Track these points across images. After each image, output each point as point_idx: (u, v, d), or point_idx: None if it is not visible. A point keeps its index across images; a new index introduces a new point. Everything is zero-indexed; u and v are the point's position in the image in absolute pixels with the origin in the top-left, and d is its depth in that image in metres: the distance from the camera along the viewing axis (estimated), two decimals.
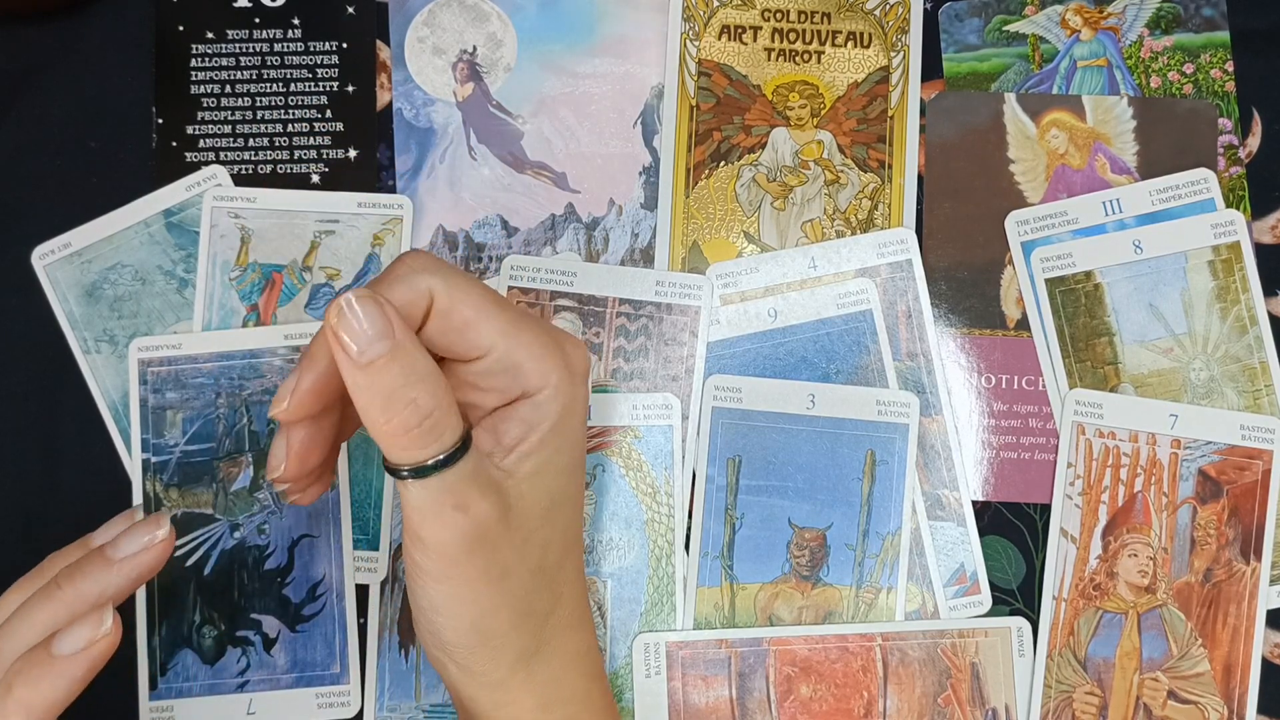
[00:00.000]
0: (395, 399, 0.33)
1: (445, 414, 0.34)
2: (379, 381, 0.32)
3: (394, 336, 0.32)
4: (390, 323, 0.32)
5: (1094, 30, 0.53)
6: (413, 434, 0.33)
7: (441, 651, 0.38)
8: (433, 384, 0.33)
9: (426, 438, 0.33)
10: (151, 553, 0.39)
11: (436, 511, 0.34)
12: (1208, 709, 0.48)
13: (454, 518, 0.34)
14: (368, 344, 0.32)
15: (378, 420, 0.33)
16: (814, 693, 0.48)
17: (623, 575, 0.49)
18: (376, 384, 0.32)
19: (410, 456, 0.33)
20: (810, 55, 0.52)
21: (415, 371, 0.33)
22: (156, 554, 0.39)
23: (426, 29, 0.52)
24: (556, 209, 0.51)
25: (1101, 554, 0.49)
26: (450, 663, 0.38)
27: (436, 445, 0.34)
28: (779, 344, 0.50)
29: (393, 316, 0.33)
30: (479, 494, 0.35)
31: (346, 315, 0.32)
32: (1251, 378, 0.50)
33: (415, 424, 0.33)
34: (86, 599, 0.38)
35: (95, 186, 0.51)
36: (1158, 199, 0.51)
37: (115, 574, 0.39)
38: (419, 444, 0.33)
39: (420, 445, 0.33)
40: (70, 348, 0.49)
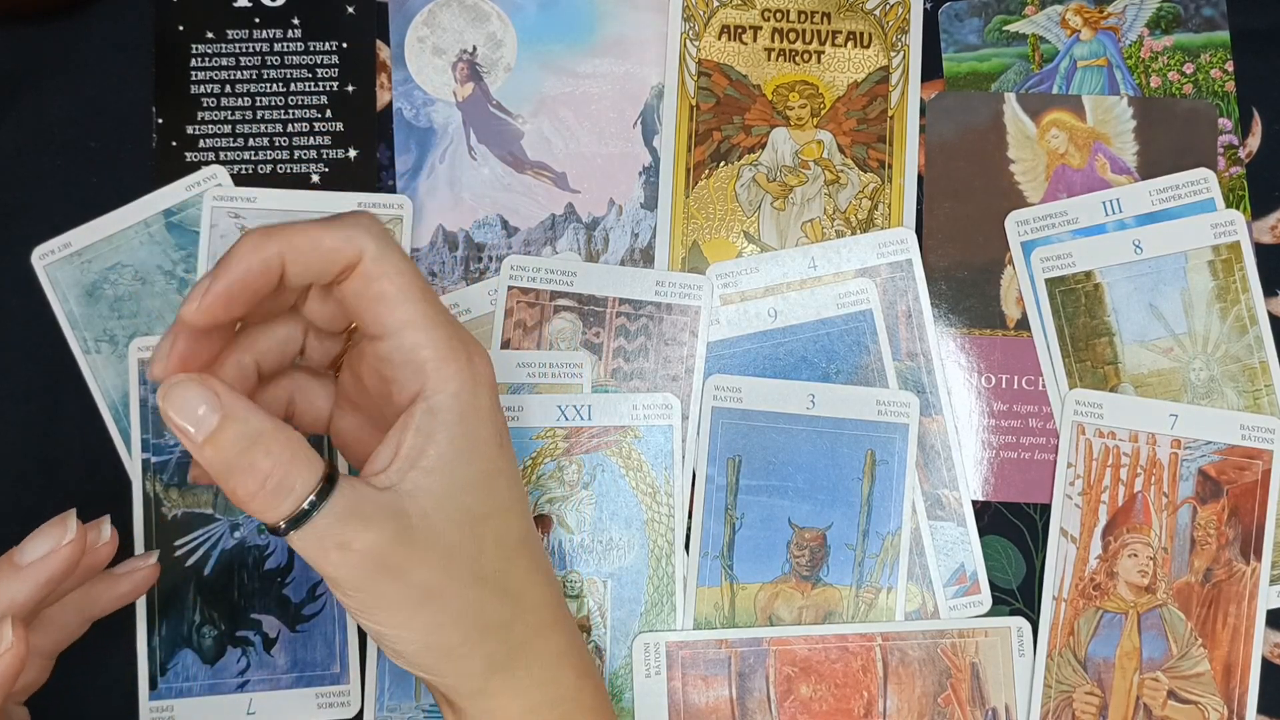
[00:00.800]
0: (234, 468, 0.33)
1: (291, 466, 0.34)
2: (218, 455, 0.33)
3: (220, 408, 0.33)
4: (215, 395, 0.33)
5: (1094, 30, 0.53)
6: (260, 496, 0.33)
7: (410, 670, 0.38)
8: (268, 442, 0.34)
9: (276, 495, 0.34)
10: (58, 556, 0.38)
11: (322, 554, 0.34)
12: (1208, 709, 0.48)
13: (341, 556, 0.34)
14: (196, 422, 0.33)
15: (227, 490, 0.34)
16: (814, 693, 0.48)
17: (623, 575, 0.49)
18: (217, 458, 0.33)
19: (270, 515, 0.34)
20: (810, 55, 0.52)
21: (246, 437, 0.33)
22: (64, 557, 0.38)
23: (426, 29, 0.52)
24: (556, 209, 0.51)
25: (1101, 554, 0.49)
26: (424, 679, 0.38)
27: (291, 499, 0.34)
28: (779, 344, 0.50)
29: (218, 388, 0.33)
30: (360, 527, 0.34)
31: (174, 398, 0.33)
32: (1251, 378, 0.50)
33: (258, 486, 0.33)
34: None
35: (95, 186, 0.51)
36: (1158, 199, 0.51)
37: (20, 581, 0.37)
38: (271, 504, 0.34)
39: (274, 504, 0.34)
40: (70, 348, 0.49)
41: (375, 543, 0.35)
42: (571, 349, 0.50)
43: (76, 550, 0.38)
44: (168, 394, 0.33)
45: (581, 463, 0.49)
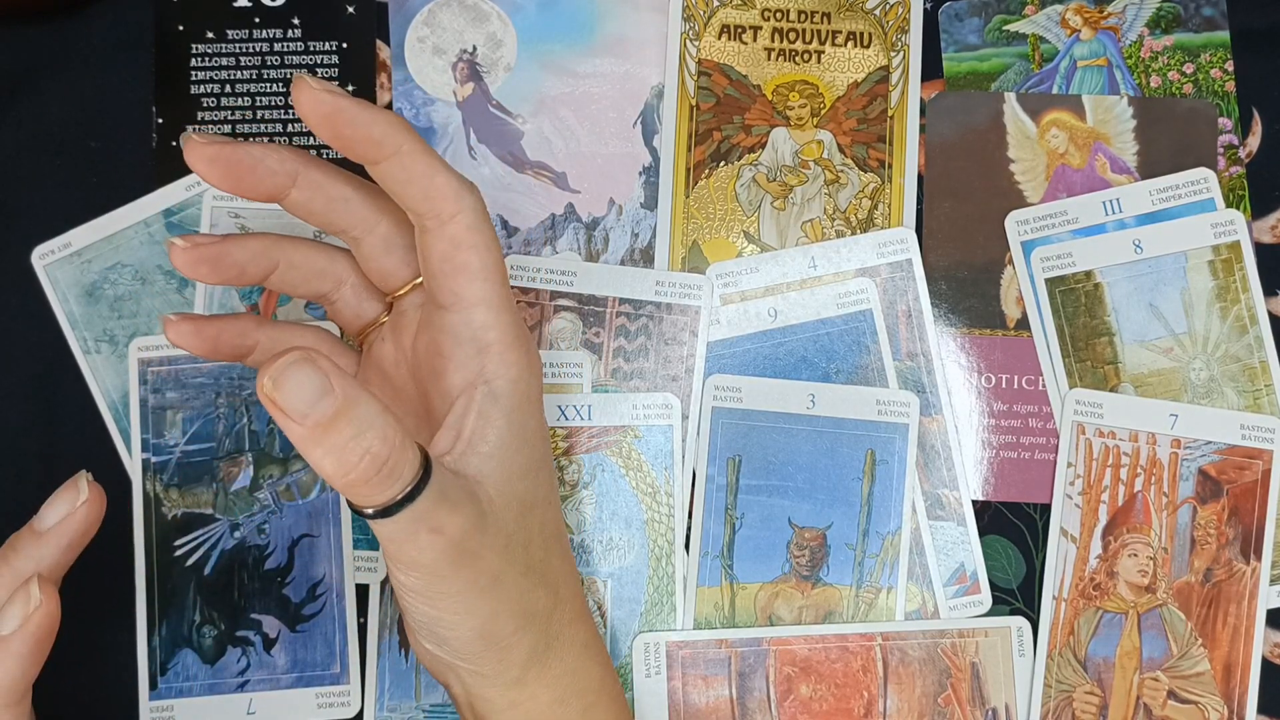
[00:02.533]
0: (348, 453, 0.31)
1: (401, 452, 0.33)
2: (328, 441, 0.31)
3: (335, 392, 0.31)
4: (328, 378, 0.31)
5: (1094, 30, 0.53)
6: (372, 482, 0.32)
7: (451, 659, 0.37)
8: (382, 427, 0.32)
9: (387, 481, 0.33)
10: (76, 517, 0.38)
11: (412, 539, 0.34)
12: (1208, 709, 0.48)
13: (430, 540, 0.34)
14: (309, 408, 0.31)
15: (334, 475, 0.32)
16: (814, 692, 0.48)
17: (623, 575, 0.49)
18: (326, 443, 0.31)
19: (375, 501, 0.33)
20: (810, 55, 0.52)
21: (363, 421, 0.31)
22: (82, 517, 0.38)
23: (426, 29, 0.52)
24: (556, 209, 0.51)
25: (1101, 554, 0.49)
26: (460, 669, 0.38)
27: (398, 484, 0.33)
28: (779, 344, 0.50)
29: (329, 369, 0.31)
30: (450, 511, 0.34)
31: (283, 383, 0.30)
32: (1251, 377, 0.50)
33: (374, 473, 0.32)
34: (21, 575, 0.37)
35: (95, 186, 0.51)
36: (1158, 199, 0.51)
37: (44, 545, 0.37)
38: (381, 489, 0.33)
39: (382, 490, 0.33)
40: (70, 348, 0.49)
41: (462, 527, 0.34)
42: (571, 349, 0.50)
43: (93, 510, 0.38)
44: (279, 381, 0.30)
45: (581, 462, 0.49)
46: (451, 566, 0.35)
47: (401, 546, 0.34)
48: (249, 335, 0.40)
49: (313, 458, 0.32)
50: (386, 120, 0.35)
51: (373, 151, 0.35)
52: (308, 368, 0.31)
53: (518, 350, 0.37)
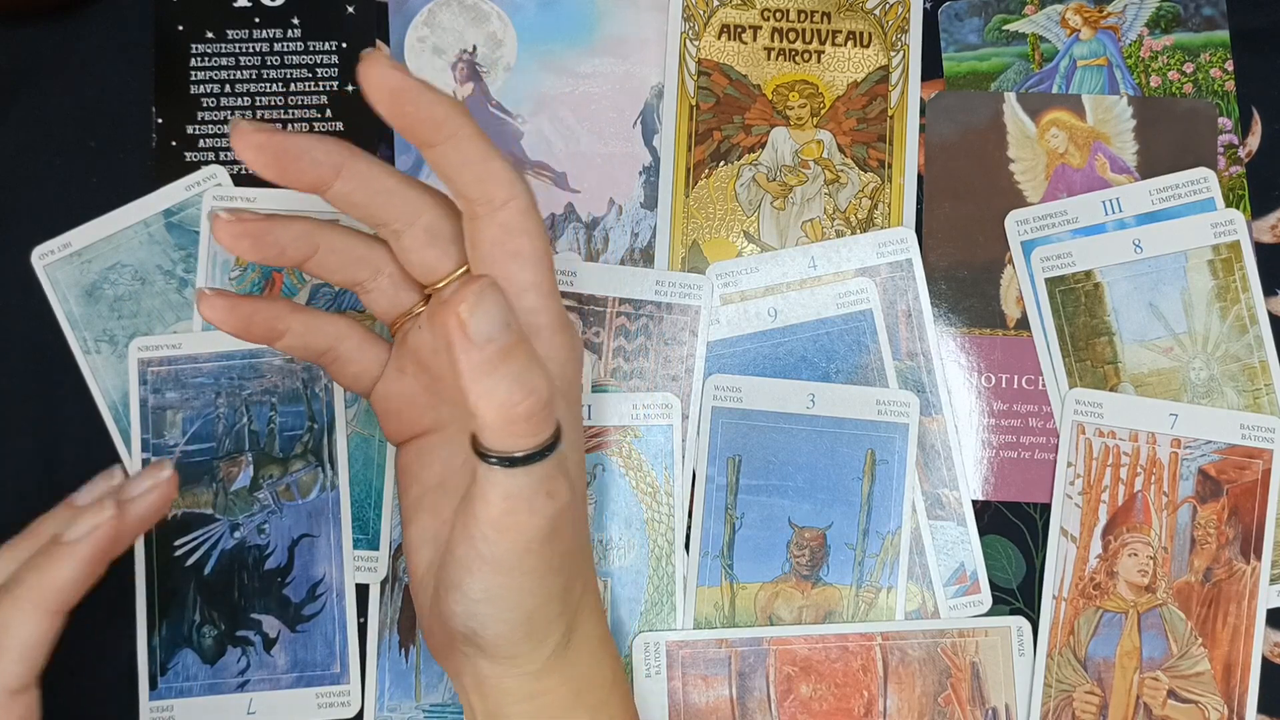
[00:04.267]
0: (521, 384, 0.32)
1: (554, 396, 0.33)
2: (507, 368, 0.32)
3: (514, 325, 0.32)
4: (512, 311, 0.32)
5: (1094, 29, 0.53)
6: (534, 419, 0.32)
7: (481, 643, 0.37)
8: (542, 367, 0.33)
9: (546, 423, 0.33)
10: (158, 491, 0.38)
11: (531, 499, 0.34)
12: (1208, 708, 0.48)
13: (545, 504, 0.34)
14: (499, 331, 0.31)
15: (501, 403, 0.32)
16: (814, 692, 0.48)
17: (623, 575, 0.49)
18: (505, 370, 0.32)
19: (527, 442, 0.33)
20: (810, 55, 0.52)
21: (535, 358, 0.32)
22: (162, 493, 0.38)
23: (426, 29, 0.52)
24: (556, 209, 0.51)
25: (1101, 553, 0.49)
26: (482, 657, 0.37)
27: (547, 430, 0.33)
28: (779, 344, 0.50)
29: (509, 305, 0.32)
30: (563, 479, 0.34)
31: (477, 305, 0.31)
32: (1251, 377, 0.50)
33: (539, 408, 0.32)
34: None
35: (95, 186, 0.51)
36: (1158, 198, 0.51)
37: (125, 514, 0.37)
38: (538, 429, 0.33)
39: (538, 430, 0.33)
40: (70, 348, 0.49)
41: (566, 497, 0.35)
42: None
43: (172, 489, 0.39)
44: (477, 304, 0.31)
45: None
46: (546, 537, 0.35)
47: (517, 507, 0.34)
48: (283, 319, 0.40)
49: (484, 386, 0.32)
50: (448, 103, 0.34)
51: (432, 133, 0.35)
52: (499, 296, 0.32)
53: (565, 334, 0.37)
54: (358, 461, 0.49)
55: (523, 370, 0.32)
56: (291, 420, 0.49)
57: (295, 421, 0.49)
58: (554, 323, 0.37)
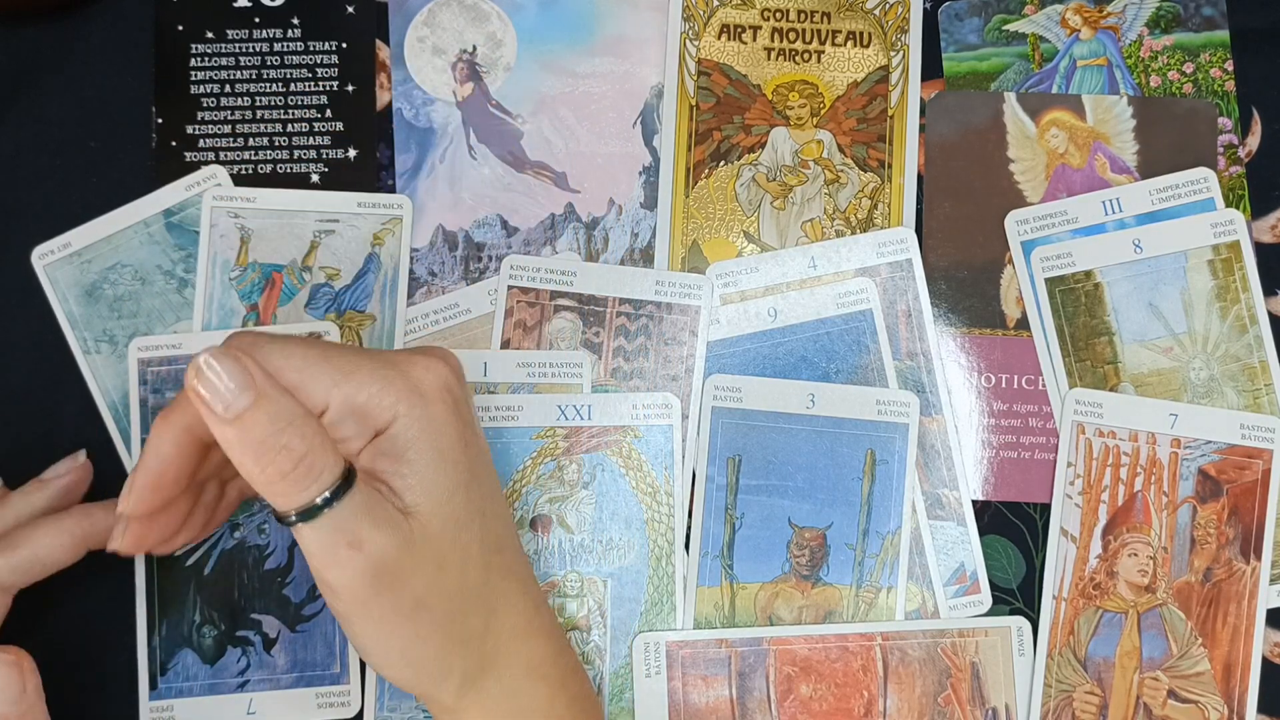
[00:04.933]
0: (267, 447, 0.33)
1: (320, 453, 0.34)
2: (248, 434, 0.33)
3: (255, 387, 0.33)
4: (250, 374, 0.33)
5: (1094, 29, 0.53)
6: (289, 478, 0.33)
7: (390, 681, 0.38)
8: (302, 426, 0.33)
9: (305, 479, 0.33)
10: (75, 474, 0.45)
11: (332, 552, 0.34)
12: (1208, 708, 0.48)
13: (350, 556, 0.34)
14: (232, 398, 0.33)
15: (253, 471, 0.33)
16: (814, 692, 0.48)
17: (623, 575, 0.49)
18: (246, 436, 0.33)
19: (293, 501, 0.34)
20: (810, 55, 0.52)
21: (282, 417, 0.33)
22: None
23: (426, 29, 0.52)
24: (556, 209, 0.51)
25: (1101, 553, 0.49)
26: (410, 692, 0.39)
27: (317, 485, 0.34)
28: (779, 344, 0.50)
29: (252, 368, 0.33)
30: (372, 527, 0.34)
31: (205, 374, 0.33)
32: (1251, 377, 0.50)
33: (290, 468, 0.33)
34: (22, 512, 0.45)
35: (95, 186, 0.51)
36: (1158, 198, 0.51)
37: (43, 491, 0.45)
38: (299, 486, 0.33)
39: (301, 487, 0.33)
40: (70, 348, 0.49)
41: (384, 546, 0.35)
42: (571, 349, 0.50)
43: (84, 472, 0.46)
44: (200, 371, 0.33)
45: (581, 462, 0.49)
46: (371, 589, 0.35)
47: (323, 562, 0.34)
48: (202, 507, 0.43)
49: (234, 454, 0.33)
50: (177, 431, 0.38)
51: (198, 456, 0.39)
52: (229, 361, 0.33)
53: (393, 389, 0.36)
54: None
55: (269, 432, 0.33)
56: None
57: None
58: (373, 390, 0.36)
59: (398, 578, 0.35)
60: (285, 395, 0.34)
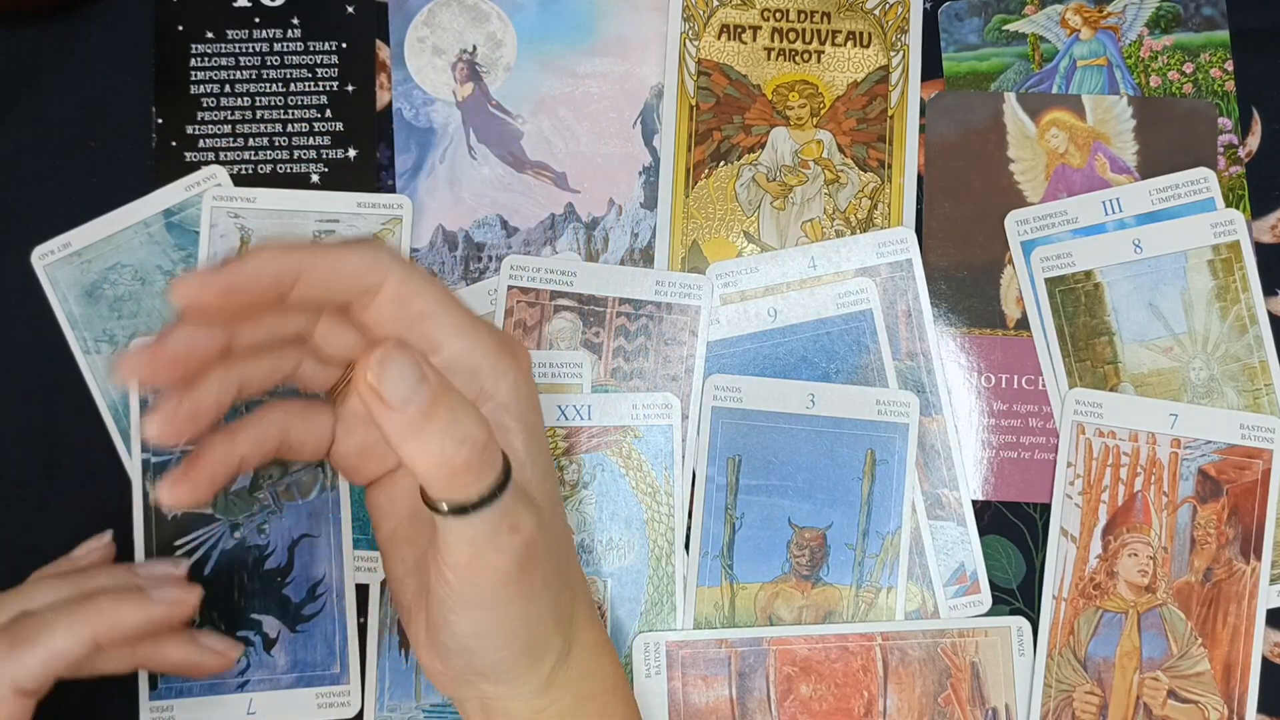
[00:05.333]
0: (451, 437, 0.31)
1: (493, 440, 0.33)
2: (433, 425, 0.31)
3: (431, 380, 0.31)
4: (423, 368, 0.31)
5: (1094, 30, 0.53)
6: (473, 469, 0.32)
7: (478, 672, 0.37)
8: (475, 415, 0.32)
9: (487, 469, 0.32)
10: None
11: (493, 538, 0.33)
12: (1208, 708, 0.48)
13: (510, 540, 0.33)
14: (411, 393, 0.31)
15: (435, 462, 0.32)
16: (814, 692, 0.48)
17: (623, 575, 0.49)
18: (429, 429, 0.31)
19: (472, 491, 0.32)
20: (810, 55, 0.52)
21: (459, 407, 0.32)
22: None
23: (426, 29, 0.52)
24: (556, 209, 0.51)
25: (1101, 553, 0.49)
26: (483, 683, 0.37)
27: (493, 473, 0.33)
28: (779, 344, 0.50)
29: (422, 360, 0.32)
30: (525, 508, 0.34)
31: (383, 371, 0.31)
32: (1251, 377, 0.50)
33: (475, 458, 0.32)
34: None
35: (95, 186, 0.51)
36: (1158, 198, 0.51)
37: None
38: (480, 476, 0.32)
39: (481, 478, 0.32)
40: (70, 348, 0.49)
41: (533, 525, 0.34)
42: (571, 349, 0.50)
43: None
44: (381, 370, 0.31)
45: (581, 462, 0.49)
46: (520, 570, 0.34)
47: (482, 549, 0.33)
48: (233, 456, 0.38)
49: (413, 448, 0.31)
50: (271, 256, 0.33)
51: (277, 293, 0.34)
52: (405, 356, 0.31)
53: (505, 358, 0.37)
54: None
55: (450, 423, 0.31)
56: None
57: None
58: (490, 353, 0.36)
59: (538, 556, 0.35)
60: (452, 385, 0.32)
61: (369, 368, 0.31)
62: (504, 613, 0.35)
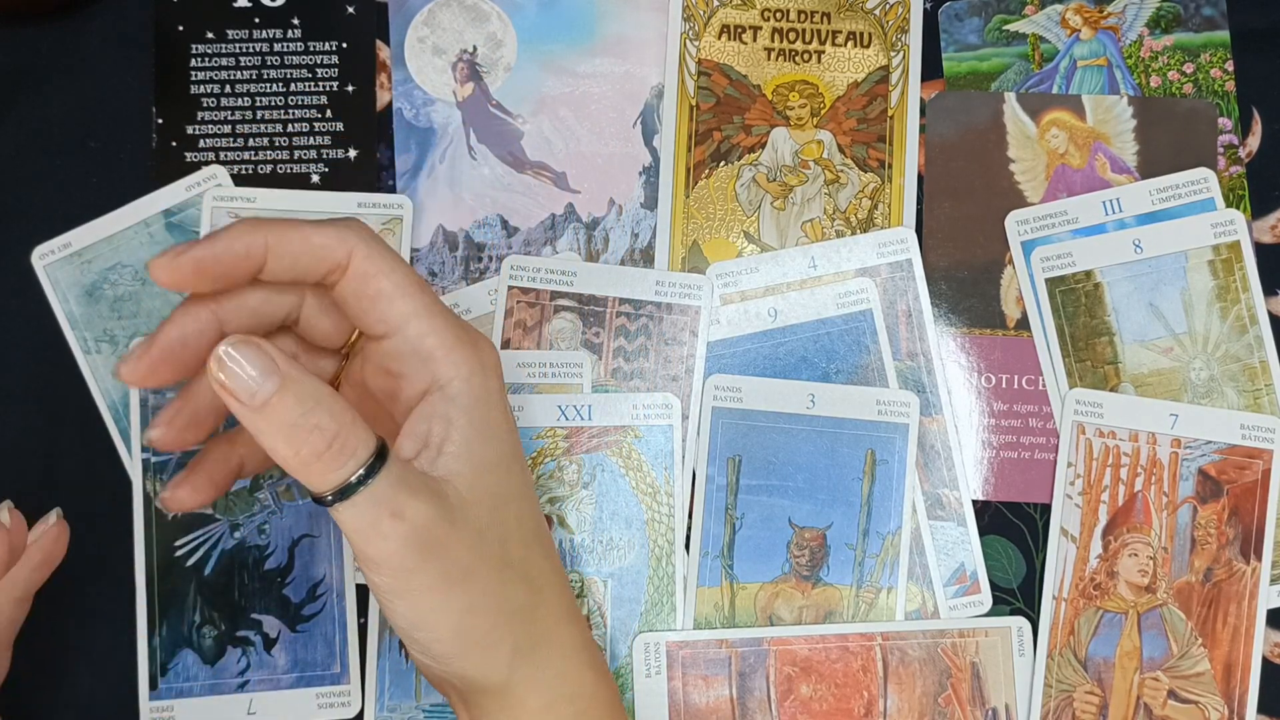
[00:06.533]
0: (297, 429, 0.33)
1: (351, 429, 0.34)
2: (276, 418, 0.33)
3: (279, 371, 0.33)
4: (272, 359, 0.33)
5: (1094, 30, 0.53)
6: (324, 458, 0.33)
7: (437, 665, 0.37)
8: (330, 404, 0.33)
9: (340, 457, 0.33)
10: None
11: (374, 525, 0.34)
12: (1208, 708, 0.48)
13: (393, 526, 0.34)
14: (256, 386, 0.32)
15: (286, 454, 0.33)
16: (814, 692, 0.48)
17: (623, 575, 0.49)
18: (275, 421, 0.33)
19: (330, 480, 0.33)
20: (810, 55, 0.52)
21: (310, 398, 0.33)
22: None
23: (426, 29, 0.52)
24: (556, 209, 0.51)
25: (1102, 553, 0.49)
26: (450, 675, 0.37)
27: (353, 461, 0.33)
28: (779, 344, 0.50)
29: (272, 352, 0.33)
30: (410, 496, 0.34)
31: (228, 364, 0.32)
32: (1251, 377, 0.50)
33: (324, 447, 0.33)
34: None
35: (95, 186, 0.51)
36: (1158, 198, 0.51)
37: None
38: (334, 465, 0.33)
39: (336, 466, 0.33)
40: (70, 348, 0.49)
41: (425, 514, 0.34)
42: (571, 349, 0.50)
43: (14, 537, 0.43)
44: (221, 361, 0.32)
45: (581, 462, 0.49)
46: (418, 557, 0.35)
47: (366, 537, 0.34)
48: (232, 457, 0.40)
49: (264, 440, 0.33)
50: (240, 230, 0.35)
51: (249, 266, 0.35)
52: (251, 348, 0.32)
53: (463, 349, 0.37)
54: None
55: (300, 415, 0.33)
56: None
57: None
58: (445, 342, 0.37)
59: (442, 545, 0.35)
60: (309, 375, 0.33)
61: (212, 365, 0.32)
62: (424, 600, 0.35)
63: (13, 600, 0.44)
